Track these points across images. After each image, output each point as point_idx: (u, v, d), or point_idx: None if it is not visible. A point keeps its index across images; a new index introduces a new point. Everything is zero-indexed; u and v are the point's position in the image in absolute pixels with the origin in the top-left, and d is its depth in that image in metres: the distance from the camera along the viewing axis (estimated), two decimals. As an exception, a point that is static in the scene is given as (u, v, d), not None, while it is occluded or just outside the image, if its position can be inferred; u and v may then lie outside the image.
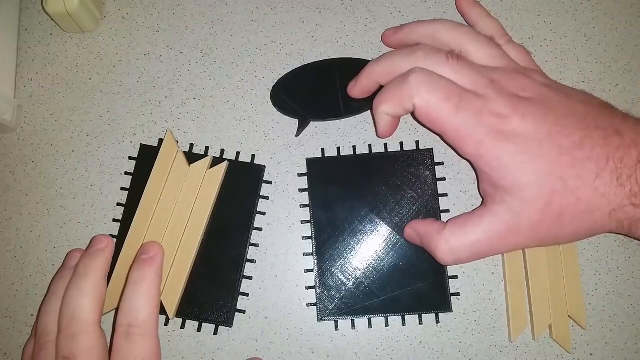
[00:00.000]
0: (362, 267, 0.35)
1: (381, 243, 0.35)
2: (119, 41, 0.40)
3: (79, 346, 0.28)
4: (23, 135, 0.39)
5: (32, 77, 0.39)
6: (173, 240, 0.34)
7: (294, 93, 0.37)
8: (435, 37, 0.33)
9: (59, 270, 0.34)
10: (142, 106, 0.39)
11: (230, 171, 0.36)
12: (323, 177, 0.36)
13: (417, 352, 0.35)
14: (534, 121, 0.28)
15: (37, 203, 0.38)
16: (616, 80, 0.38)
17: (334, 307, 0.34)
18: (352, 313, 0.34)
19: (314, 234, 0.35)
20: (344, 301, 0.34)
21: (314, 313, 0.35)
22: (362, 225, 0.35)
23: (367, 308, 0.34)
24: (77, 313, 0.29)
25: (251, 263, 0.36)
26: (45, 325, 0.30)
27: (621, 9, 0.39)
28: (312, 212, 0.36)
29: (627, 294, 0.35)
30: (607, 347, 0.34)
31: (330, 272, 0.35)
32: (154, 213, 0.35)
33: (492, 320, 0.35)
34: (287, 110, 0.37)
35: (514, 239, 0.29)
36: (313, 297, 0.35)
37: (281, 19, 0.40)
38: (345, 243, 0.35)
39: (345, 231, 0.35)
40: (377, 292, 0.34)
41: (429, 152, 0.36)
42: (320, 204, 0.36)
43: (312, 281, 0.35)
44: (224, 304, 0.35)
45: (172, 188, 0.35)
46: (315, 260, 0.35)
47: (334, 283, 0.35)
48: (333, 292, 0.35)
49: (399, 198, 0.36)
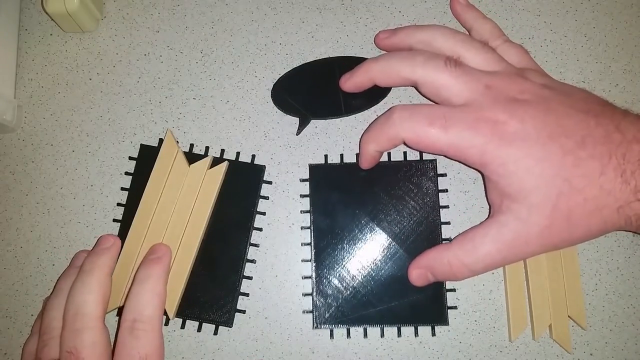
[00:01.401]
0: (360, 276, 0.35)
1: (380, 252, 0.35)
2: (119, 41, 0.40)
3: (82, 341, 0.28)
4: (23, 135, 0.39)
5: (32, 77, 0.39)
6: (173, 240, 0.34)
7: (294, 91, 0.37)
8: (431, 44, 0.33)
9: (66, 269, 0.34)
10: (142, 106, 0.39)
11: (230, 171, 0.36)
12: (325, 183, 0.36)
13: (417, 352, 0.35)
14: (534, 124, 0.28)
15: (37, 203, 0.38)
16: (616, 80, 0.38)
17: (330, 315, 0.34)
18: (347, 322, 0.34)
19: (313, 240, 0.35)
20: (340, 310, 0.34)
21: (310, 318, 0.35)
22: (362, 234, 0.35)
23: (363, 317, 0.34)
24: (81, 308, 0.29)
25: (251, 263, 0.36)
26: (50, 320, 0.30)
27: (621, 9, 0.39)
28: (313, 218, 0.36)
29: (627, 294, 0.35)
30: (607, 347, 0.34)
31: (327, 280, 0.35)
32: (154, 213, 0.35)
33: (492, 320, 0.35)
34: (288, 108, 0.37)
35: (525, 248, 0.29)
36: (309, 304, 0.35)
37: (281, 19, 0.40)
38: (344, 251, 0.35)
39: (345, 239, 0.35)
40: (374, 301, 0.34)
41: (432, 163, 0.36)
42: (321, 210, 0.36)
43: (309, 288, 0.35)
44: (224, 304, 0.35)
45: (172, 188, 0.35)
46: (313, 267, 0.35)
47: (331, 291, 0.35)
48: (330, 300, 0.34)
49: (400, 208, 0.35)
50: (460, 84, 0.30)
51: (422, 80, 0.31)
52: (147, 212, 0.35)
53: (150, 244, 0.34)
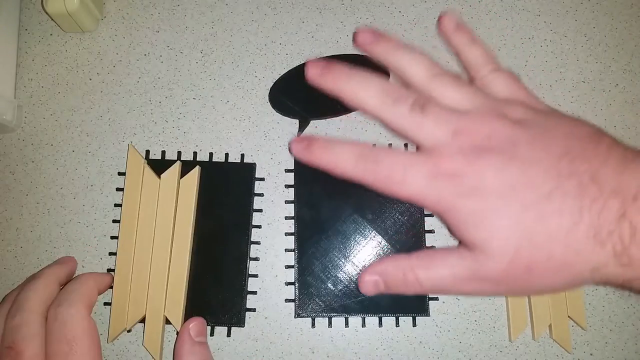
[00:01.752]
0: (342, 266, 0.35)
1: (363, 244, 0.35)
2: (119, 41, 0.40)
3: (21, 335, 0.29)
4: (23, 135, 0.39)
5: (32, 77, 0.39)
6: (162, 254, 0.34)
7: (291, 94, 0.37)
8: (405, 73, 0.31)
9: None
10: (142, 106, 0.39)
11: (221, 173, 0.37)
12: (310, 174, 0.36)
13: (417, 352, 0.35)
14: (495, 175, 0.26)
15: (37, 203, 0.38)
16: (616, 80, 0.38)
17: (313, 304, 0.35)
18: (329, 311, 0.35)
19: (296, 230, 0.36)
20: (323, 299, 0.35)
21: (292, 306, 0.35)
22: (345, 226, 0.36)
23: (345, 307, 0.35)
24: (22, 305, 0.30)
25: (255, 261, 0.36)
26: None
27: (621, 9, 0.39)
28: (297, 208, 0.36)
29: (627, 294, 0.35)
30: (607, 347, 0.34)
31: (310, 270, 0.35)
32: (137, 232, 0.35)
33: (492, 320, 0.35)
34: (287, 111, 0.37)
35: (479, 286, 0.28)
36: (292, 293, 0.35)
37: (281, 19, 0.40)
38: (327, 242, 0.36)
39: (329, 230, 0.36)
40: (356, 292, 0.35)
41: None
42: (305, 201, 0.36)
43: (292, 278, 0.35)
44: (234, 305, 0.35)
45: (149, 202, 0.35)
46: (296, 256, 0.35)
47: (314, 281, 0.35)
48: (312, 289, 0.35)
49: (383, 200, 0.36)
50: (426, 130, 0.28)
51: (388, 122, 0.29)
52: (129, 233, 0.35)
53: (141, 264, 0.34)
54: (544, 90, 0.38)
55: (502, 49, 0.39)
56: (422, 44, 0.39)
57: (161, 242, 0.34)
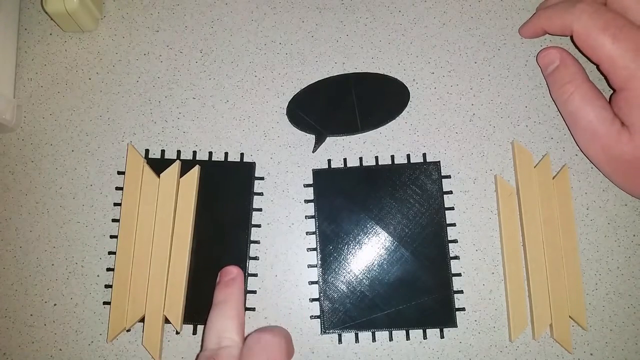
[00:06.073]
0: (366, 280, 0.35)
1: (386, 256, 0.35)
2: (119, 41, 0.40)
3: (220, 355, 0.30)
4: (23, 135, 0.38)
5: (31, 77, 0.39)
6: (162, 254, 0.34)
7: (309, 109, 0.37)
8: None
9: None
10: (142, 106, 0.39)
11: (221, 172, 0.36)
12: (329, 188, 0.36)
13: (417, 352, 0.35)
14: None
15: (36, 203, 0.37)
16: (616, 80, 0.38)
17: (338, 320, 0.34)
18: (355, 327, 0.34)
19: (319, 246, 0.35)
20: (348, 314, 0.34)
21: (317, 323, 0.35)
22: (367, 238, 0.35)
23: (371, 322, 0.34)
24: (222, 332, 0.31)
25: (254, 260, 0.36)
26: None
27: (621, 9, 0.39)
28: (318, 223, 0.36)
29: (627, 294, 0.35)
30: (607, 347, 0.34)
31: (334, 285, 0.35)
32: (136, 231, 0.35)
33: (492, 320, 0.35)
34: (304, 125, 0.37)
35: (615, 162, 0.31)
36: (317, 309, 0.35)
37: (281, 19, 0.40)
38: (350, 255, 0.35)
39: (351, 243, 0.35)
40: (382, 305, 0.34)
41: (435, 165, 0.36)
42: (326, 215, 0.36)
43: (316, 293, 0.35)
44: None
45: (148, 201, 0.35)
46: (320, 272, 0.35)
47: (338, 296, 0.34)
48: (337, 304, 0.34)
49: (405, 211, 0.35)
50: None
51: None
52: (129, 232, 0.35)
53: (140, 264, 0.34)
54: (544, 89, 0.38)
55: (502, 49, 0.39)
56: (422, 43, 0.39)
57: (161, 242, 0.34)
